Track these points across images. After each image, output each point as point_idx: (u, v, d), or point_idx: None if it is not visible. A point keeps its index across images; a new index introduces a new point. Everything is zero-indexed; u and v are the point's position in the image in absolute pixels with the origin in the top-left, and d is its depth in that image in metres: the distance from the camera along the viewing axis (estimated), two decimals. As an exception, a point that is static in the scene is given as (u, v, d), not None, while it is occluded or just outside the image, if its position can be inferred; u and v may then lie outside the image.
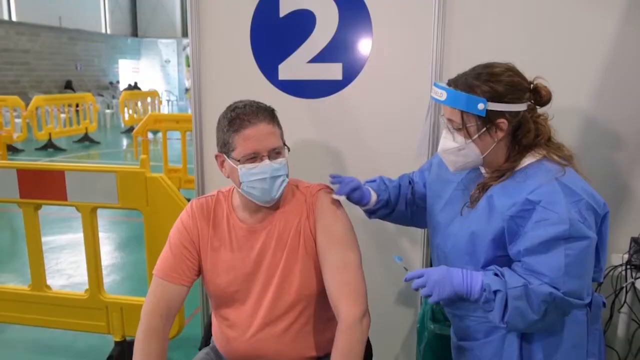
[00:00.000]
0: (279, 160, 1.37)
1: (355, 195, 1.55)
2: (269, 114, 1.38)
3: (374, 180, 1.66)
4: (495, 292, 1.19)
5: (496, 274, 1.22)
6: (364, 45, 2.07)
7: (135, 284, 3.72)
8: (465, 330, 1.43)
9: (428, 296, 1.24)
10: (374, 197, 1.60)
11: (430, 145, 2.00)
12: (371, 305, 1.40)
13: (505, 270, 1.22)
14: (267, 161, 1.35)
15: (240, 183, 1.37)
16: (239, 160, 1.35)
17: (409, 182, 1.67)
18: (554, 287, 1.16)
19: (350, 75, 2.10)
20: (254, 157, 1.35)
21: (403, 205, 1.65)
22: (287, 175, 1.41)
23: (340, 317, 1.32)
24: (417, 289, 1.26)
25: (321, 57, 2.11)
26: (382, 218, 1.68)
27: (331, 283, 1.36)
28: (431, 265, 1.99)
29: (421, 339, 1.87)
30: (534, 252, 1.18)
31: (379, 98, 2.09)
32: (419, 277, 1.26)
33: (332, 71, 2.11)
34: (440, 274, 1.24)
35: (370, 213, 1.65)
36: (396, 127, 2.06)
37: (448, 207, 1.43)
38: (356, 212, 1.62)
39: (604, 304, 1.37)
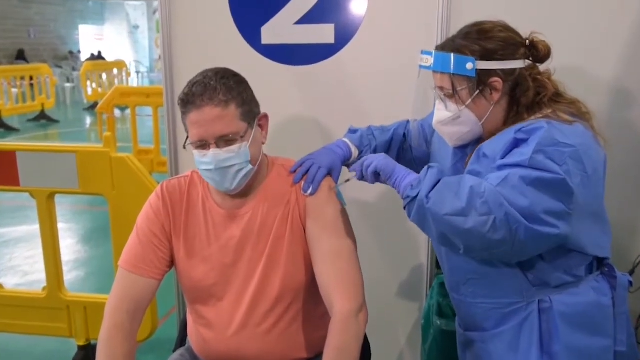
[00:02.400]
0: (230, 148, 1.34)
1: (334, 176, 1.53)
2: (221, 93, 1.32)
3: (356, 131, 1.67)
4: (429, 167, 1.27)
5: None
6: (358, 3, 2.05)
7: (101, 281, 3.73)
8: (473, 318, 1.44)
9: (367, 167, 1.37)
10: (354, 153, 1.63)
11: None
12: (370, 299, 1.40)
13: None
14: (212, 150, 1.34)
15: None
16: (192, 145, 1.37)
17: (404, 136, 1.70)
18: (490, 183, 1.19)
19: (343, 38, 2.08)
20: (204, 145, 1.35)
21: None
22: (250, 162, 1.37)
23: (333, 311, 1.32)
24: (361, 171, 1.40)
25: (310, 18, 2.09)
26: None
27: (323, 274, 1.37)
28: (436, 258, 2.01)
29: (426, 337, 1.89)
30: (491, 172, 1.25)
31: (377, 64, 2.08)
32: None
33: (323, 33, 2.09)
34: (388, 159, 1.37)
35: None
36: (396, 96, 2.05)
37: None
38: (351, 193, 1.61)
39: (630, 283, 1.38)
